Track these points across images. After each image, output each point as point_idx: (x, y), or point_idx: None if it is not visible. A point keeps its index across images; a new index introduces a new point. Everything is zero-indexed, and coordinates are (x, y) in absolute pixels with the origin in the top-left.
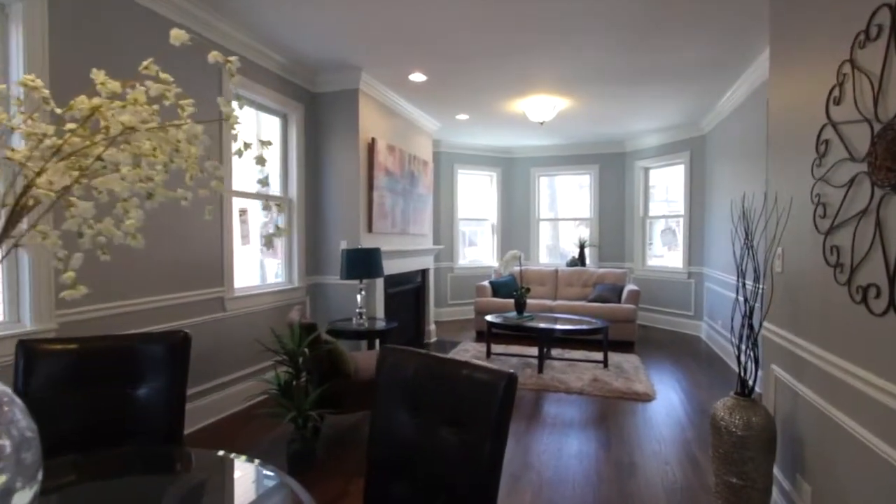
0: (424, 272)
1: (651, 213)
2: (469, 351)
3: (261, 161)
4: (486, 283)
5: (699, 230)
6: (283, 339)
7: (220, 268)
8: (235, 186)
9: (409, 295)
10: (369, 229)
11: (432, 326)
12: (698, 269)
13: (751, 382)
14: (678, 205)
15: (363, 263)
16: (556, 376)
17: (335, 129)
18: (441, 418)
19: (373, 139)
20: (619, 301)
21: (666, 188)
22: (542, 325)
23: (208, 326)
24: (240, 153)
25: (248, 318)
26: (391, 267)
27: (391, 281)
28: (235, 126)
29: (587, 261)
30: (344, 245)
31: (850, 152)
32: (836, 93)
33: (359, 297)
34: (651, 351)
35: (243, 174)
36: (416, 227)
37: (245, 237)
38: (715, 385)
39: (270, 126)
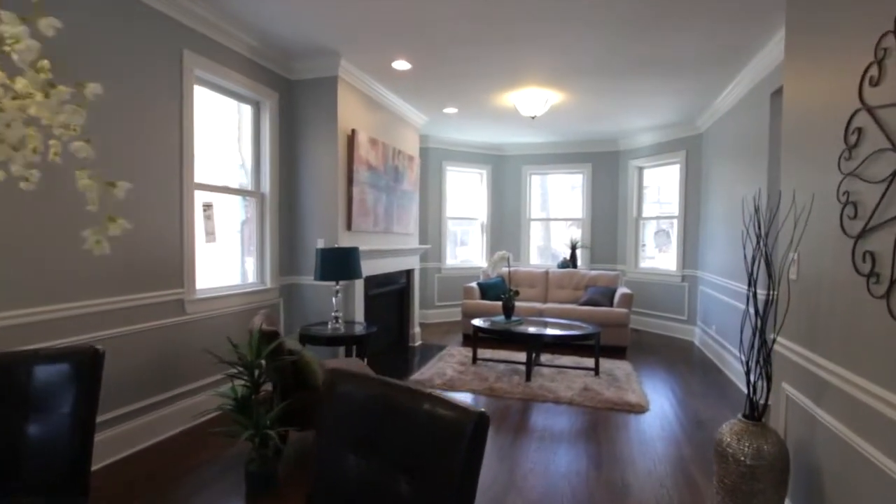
0: (409, 273)
1: (644, 214)
2: (454, 356)
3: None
4: (473, 284)
5: (694, 232)
6: (239, 349)
7: (179, 267)
8: (198, 178)
9: (392, 297)
10: (348, 227)
11: (417, 329)
12: (692, 273)
13: (762, 404)
14: (672, 206)
15: (339, 264)
16: (545, 384)
17: (313, 119)
18: (396, 464)
19: (353, 131)
20: (611, 304)
21: (660, 188)
22: (531, 331)
23: (162, 332)
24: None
25: (213, 323)
26: (372, 267)
27: (373, 282)
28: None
29: (579, 262)
30: (321, 243)
31: (891, 141)
32: (873, 71)
33: (335, 299)
34: (643, 357)
35: (208, 164)
36: (400, 225)
37: (210, 234)
38: (710, 395)
39: (241, 115)
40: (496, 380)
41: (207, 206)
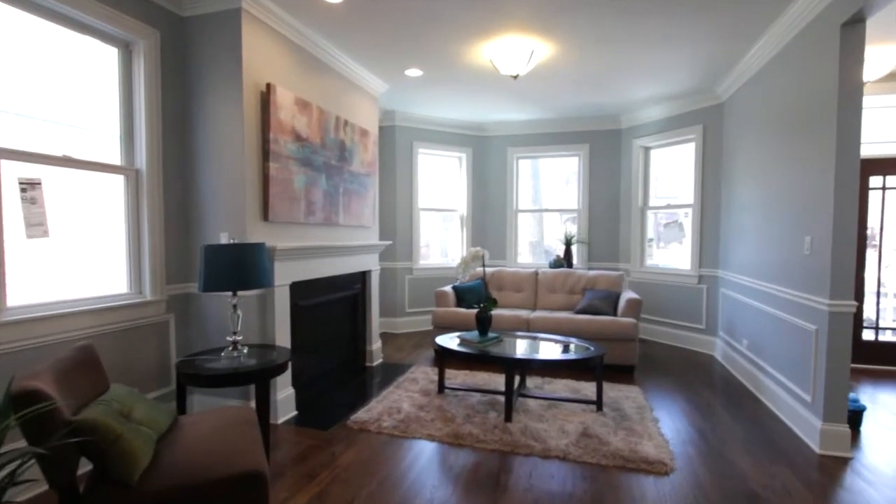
0: (365, 276)
1: (652, 203)
2: (418, 381)
3: None
4: (448, 288)
5: (713, 224)
6: None
7: None
8: (8, 142)
9: (340, 307)
10: (264, 216)
11: (377, 345)
12: (711, 272)
13: None
14: (686, 192)
15: (235, 267)
16: (531, 427)
17: (210, 68)
18: None
19: (269, 86)
20: (614, 312)
21: (671, 172)
22: (513, 354)
23: None
24: None
25: (41, 356)
26: (305, 270)
27: (307, 289)
28: None
29: (574, 260)
30: (225, 238)
31: None
32: None
33: (232, 317)
34: (656, 379)
35: (37, 122)
36: (349, 216)
37: (36, 225)
38: (753, 440)
39: (101, 60)
40: (466, 419)
41: (29, 185)
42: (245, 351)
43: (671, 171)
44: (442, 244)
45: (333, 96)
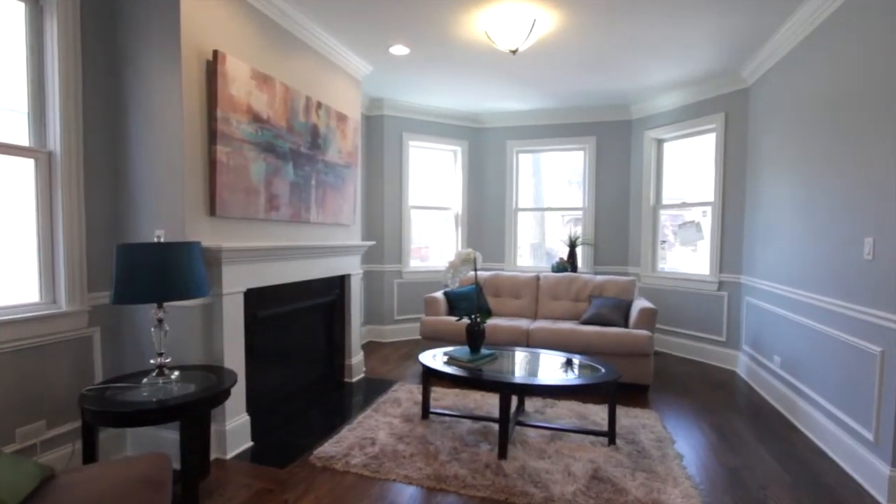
0: (344, 280)
1: (666, 202)
2: (401, 402)
3: None
4: (438, 294)
5: (736, 224)
6: None
7: None
8: None
9: (313, 316)
10: (211, 211)
11: (358, 358)
12: (734, 278)
13: None
14: (705, 189)
15: (158, 273)
16: (530, 465)
17: (142, 29)
18: None
19: (216, 53)
20: (625, 323)
21: (687, 167)
22: (509, 378)
23: None
24: None
25: None
26: (266, 275)
27: (270, 297)
28: None
29: (579, 264)
30: (160, 236)
31: None
32: None
33: (155, 333)
34: (674, 401)
35: None
36: (324, 212)
37: None
38: (802, 484)
39: (4, 17)
40: (452, 454)
41: None
42: (175, 376)
43: (687, 166)
44: (443, 245)
45: (304, 74)
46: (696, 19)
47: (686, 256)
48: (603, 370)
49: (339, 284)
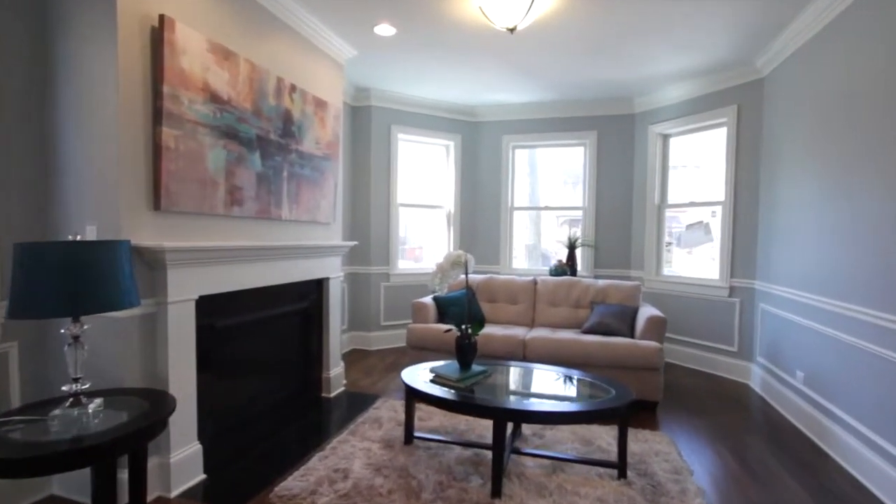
0: (322, 284)
1: (672, 201)
2: (382, 423)
3: None
4: (428, 299)
5: (749, 225)
6: None
7: None
8: None
9: (285, 325)
10: (155, 205)
11: (337, 370)
12: (747, 284)
13: None
14: (715, 188)
15: (68, 279)
16: None
17: None
18: None
19: (162, 19)
20: (630, 333)
21: (695, 163)
22: (504, 403)
23: None
24: None
25: None
26: (225, 279)
27: (230, 304)
28: None
29: (579, 267)
30: (92, 234)
31: None
32: None
33: (69, 353)
34: (686, 421)
35: None
36: (298, 208)
37: None
38: None
39: None
40: (437, 491)
41: None
42: (94, 406)
43: (695, 163)
44: (434, 246)
45: (277, 54)
46: (708, 0)
47: (693, 259)
48: (613, 392)
49: (316, 289)
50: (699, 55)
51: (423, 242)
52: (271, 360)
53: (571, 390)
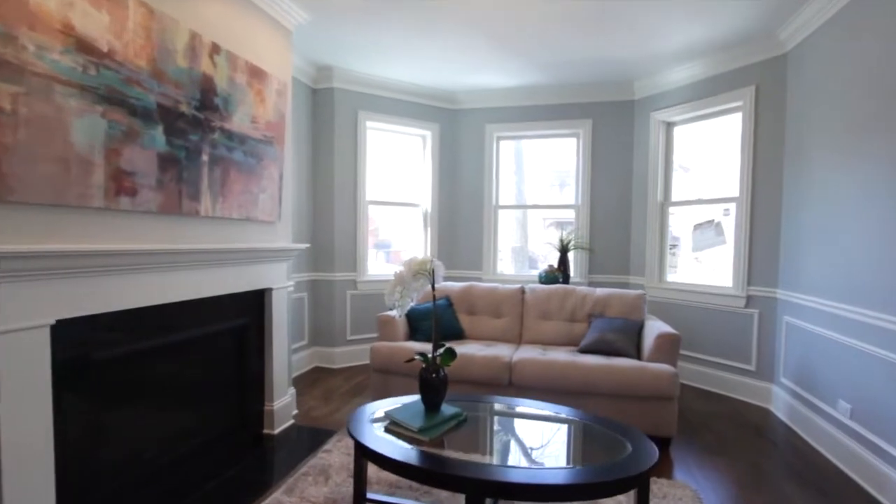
0: (264, 296)
1: (676, 198)
2: (330, 472)
3: None
4: (394, 312)
5: (770, 224)
6: None
7: None
8: None
9: (212, 348)
10: None
11: (284, 400)
12: (767, 293)
13: None
14: (728, 182)
15: None
16: None
17: None
18: None
19: None
20: (636, 352)
21: (704, 155)
22: (483, 473)
23: None
24: None
25: None
26: (112, 294)
27: (125, 326)
28: None
29: (571, 273)
30: None
31: None
32: None
33: None
34: (708, 462)
35: None
36: (226, 202)
37: None
38: None
39: None
40: None
41: None
42: None
43: (705, 154)
44: (396, 248)
45: (195, 4)
46: None
47: (701, 265)
48: (629, 447)
49: (256, 303)
50: (713, 24)
51: (399, 245)
52: (193, 394)
53: (573, 443)
